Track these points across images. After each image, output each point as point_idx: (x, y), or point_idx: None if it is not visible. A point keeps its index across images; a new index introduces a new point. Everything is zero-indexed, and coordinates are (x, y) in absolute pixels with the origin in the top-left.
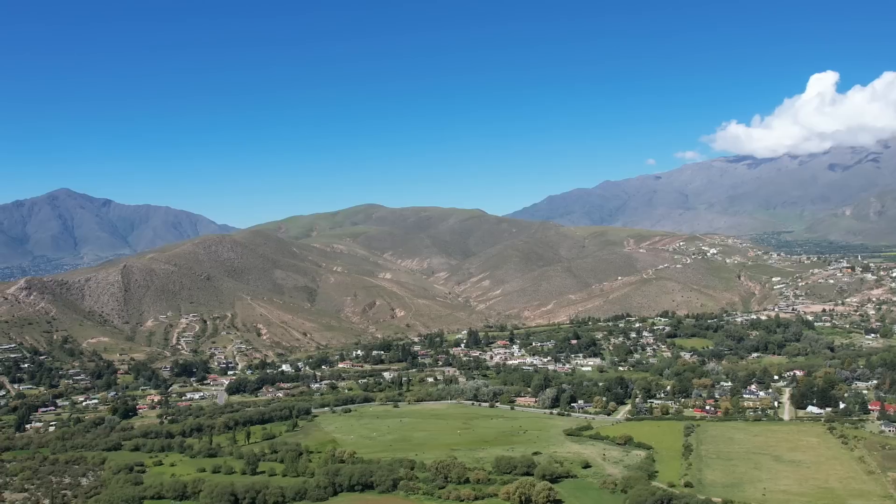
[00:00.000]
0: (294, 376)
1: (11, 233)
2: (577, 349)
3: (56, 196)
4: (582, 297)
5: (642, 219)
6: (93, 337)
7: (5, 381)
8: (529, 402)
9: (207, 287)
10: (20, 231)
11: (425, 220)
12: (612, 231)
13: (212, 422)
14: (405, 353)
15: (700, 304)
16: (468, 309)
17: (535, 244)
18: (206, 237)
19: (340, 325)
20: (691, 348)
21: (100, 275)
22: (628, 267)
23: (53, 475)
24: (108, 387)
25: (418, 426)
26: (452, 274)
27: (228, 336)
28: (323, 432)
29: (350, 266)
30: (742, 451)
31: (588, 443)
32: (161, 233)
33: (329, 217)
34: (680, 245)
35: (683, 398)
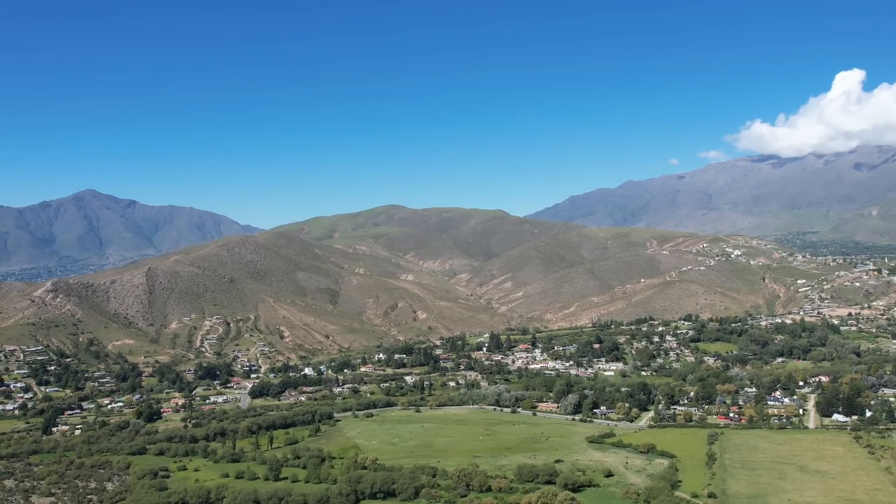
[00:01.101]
0: (317, 380)
1: (38, 233)
2: (599, 353)
3: (82, 197)
4: (604, 299)
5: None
6: (118, 339)
7: (32, 383)
8: (551, 408)
9: (231, 289)
10: (47, 232)
11: (447, 221)
12: (634, 232)
13: (235, 426)
14: (427, 357)
15: (724, 306)
16: (490, 311)
17: (558, 245)
18: (229, 239)
19: (362, 327)
20: (715, 353)
21: (125, 277)
22: (651, 269)
23: (79, 479)
24: (133, 389)
25: (440, 432)
26: (474, 275)
27: (251, 338)
28: (345, 437)
29: (372, 267)
30: (766, 461)
31: (610, 450)
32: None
33: (351, 218)
34: (703, 246)
35: (707, 405)
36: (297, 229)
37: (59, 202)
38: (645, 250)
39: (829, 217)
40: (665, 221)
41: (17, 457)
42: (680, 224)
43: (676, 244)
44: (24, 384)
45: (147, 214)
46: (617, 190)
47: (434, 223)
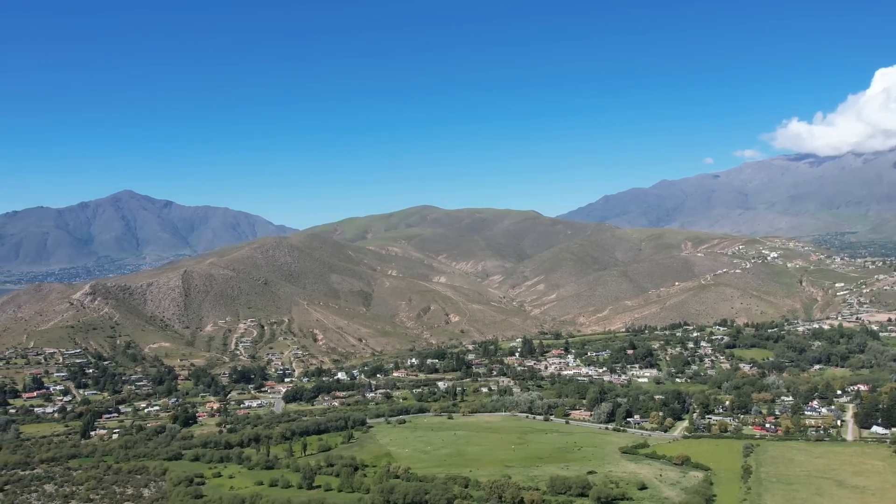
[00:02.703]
0: (349, 385)
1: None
2: (632, 360)
3: (119, 198)
4: (638, 303)
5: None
6: (154, 342)
7: (71, 386)
8: (584, 416)
9: (265, 292)
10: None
11: (479, 222)
12: (669, 233)
13: (269, 432)
14: (459, 362)
15: (760, 311)
16: (522, 314)
17: (591, 247)
18: (263, 241)
19: (395, 330)
20: (751, 360)
21: (161, 279)
22: (686, 271)
23: (117, 485)
24: (169, 393)
25: (472, 440)
26: (507, 277)
27: (285, 341)
28: (378, 445)
29: (405, 269)
30: (803, 475)
31: (644, 462)
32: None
33: (384, 219)
34: (739, 248)
35: (742, 414)
36: (331, 230)
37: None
38: (679, 252)
39: (868, 217)
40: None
41: (57, 461)
42: (715, 224)
43: (711, 246)
44: (64, 387)
45: (183, 215)
46: (651, 189)
47: (466, 224)
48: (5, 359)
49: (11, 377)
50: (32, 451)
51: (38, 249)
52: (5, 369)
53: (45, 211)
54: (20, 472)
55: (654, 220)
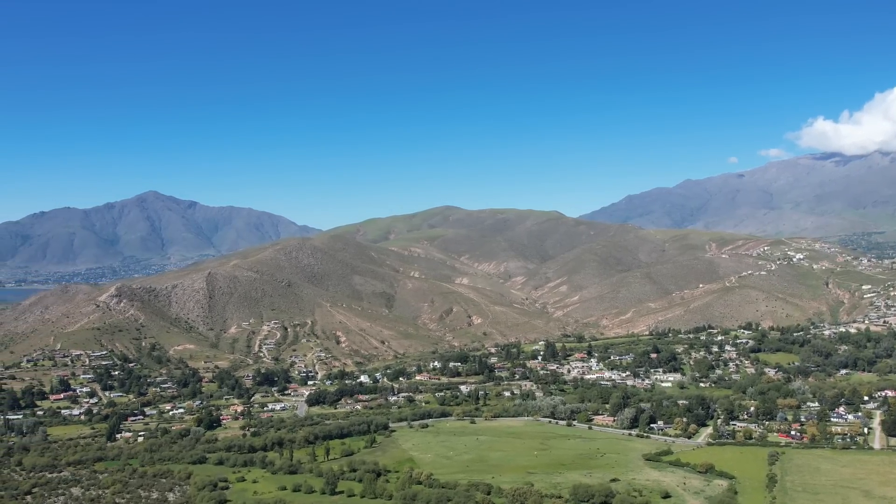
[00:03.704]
0: (372, 388)
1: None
2: (656, 363)
3: (144, 198)
4: (662, 305)
5: (725, 219)
6: (179, 344)
7: (97, 388)
8: (607, 422)
9: (288, 294)
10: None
11: (502, 223)
12: (693, 234)
13: (292, 436)
14: (482, 366)
15: (785, 314)
16: (545, 316)
17: (614, 248)
18: (286, 242)
19: (417, 332)
20: (776, 364)
21: (185, 281)
22: (710, 273)
23: (142, 489)
24: (194, 395)
25: (495, 445)
26: (529, 278)
27: (308, 344)
28: (400, 450)
29: (427, 270)
30: (829, 484)
31: (668, 469)
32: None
33: (406, 219)
34: (764, 250)
35: (767, 420)
36: (353, 231)
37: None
38: (704, 253)
39: None
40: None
41: (84, 464)
42: (740, 224)
43: (736, 247)
44: (90, 389)
45: (207, 215)
46: (675, 189)
47: (489, 224)
48: (33, 361)
49: (39, 379)
50: (59, 454)
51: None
52: (33, 371)
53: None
54: (47, 474)
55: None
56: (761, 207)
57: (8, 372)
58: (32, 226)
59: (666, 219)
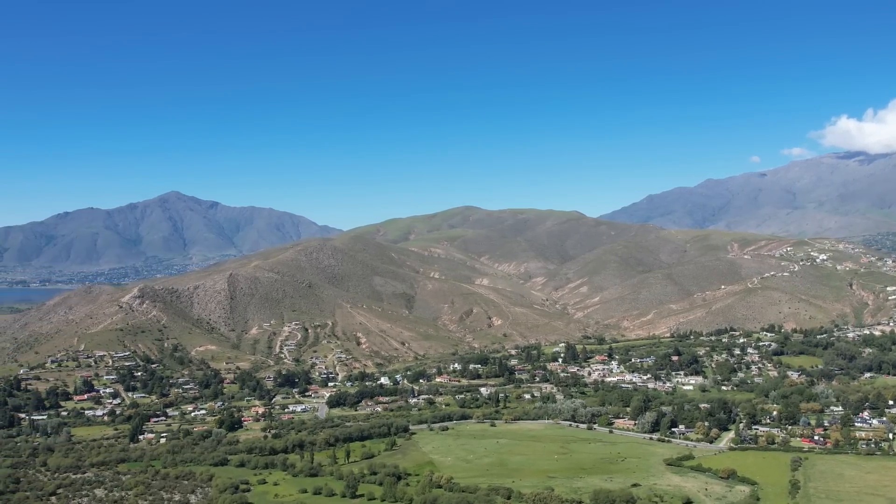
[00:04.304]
0: (392, 390)
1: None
2: (677, 366)
3: (167, 199)
4: (683, 306)
5: (747, 219)
6: (201, 345)
7: (120, 388)
8: (628, 425)
9: (309, 295)
10: (134, 233)
11: (522, 223)
12: (714, 234)
13: (313, 438)
14: (502, 368)
15: (808, 315)
16: (566, 317)
17: (635, 248)
18: (307, 243)
19: (438, 333)
20: (799, 367)
21: (207, 282)
22: (732, 274)
23: (164, 491)
24: (215, 396)
25: (515, 449)
26: (550, 279)
27: (329, 345)
28: (420, 452)
29: (447, 271)
30: (853, 491)
31: (689, 475)
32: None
33: (426, 220)
34: (787, 250)
35: (790, 425)
36: (374, 231)
37: (145, 204)
38: (725, 254)
39: None
40: (747, 221)
41: (107, 465)
42: (762, 224)
43: (758, 247)
44: (113, 390)
45: (228, 215)
46: (696, 189)
47: (509, 225)
48: (57, 361)
49: (63, 380)
50: (83, 455)
51: (88, 250)
52: (57, 372)
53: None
54: (72, 475)
55: (700, 219)
56: (784, 207)
57: (33, 372)
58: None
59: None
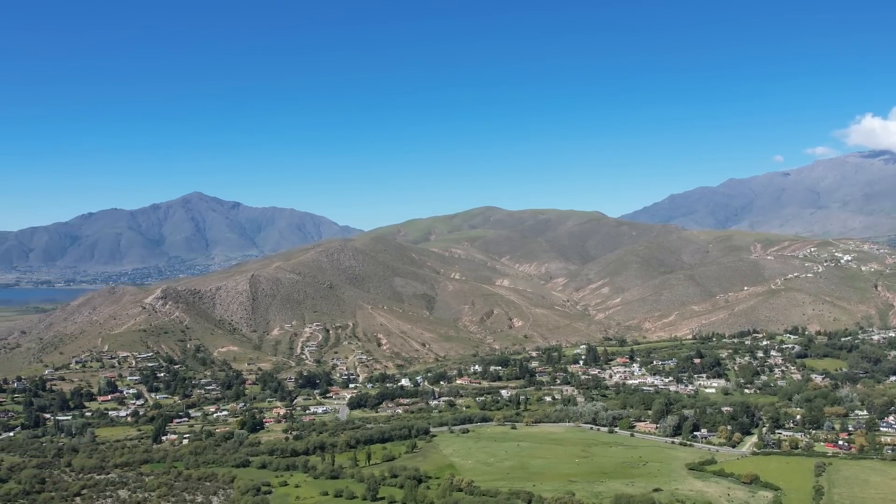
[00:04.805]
0: (413, 391)
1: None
2: (700, 369)
3: (189, 199)
4: (705, 308)
5: (770, 218)
6: (223, 346)
7: (143, 389)
8: (650, 429)
9: (330, 296)
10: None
11: (543, 223)
12: (737, 235)
13: (334, 440)
14: (523, 370)
15: (832, 317)
16: (587, 319)
17: (656, 249)
18: (328, 244)
19: (458, 334)
20: (823, 370)
21: (229, 283)
22: (755, 275)
23: (187, 492)
24: (237, 397)
25: (536, 452)
26: (571, 280)
27: (350, 346)
28: (441, 455)
29: (468, 271)
30: (879, 498)
31: (711, 479)
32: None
33: (447, 220)
34: (811, 251)
35: (814, 429)
36: (394, 231)
37: (168, 204)
38: (748, 255)
39: None
40: (770, 221)
41: (130, 466)
42: (785, 224)
43: (781, 248)
44: (136, 391)
45: (250, 216)
46: (719, 188)
47: (530, 225)
48: (81, 362)
49: (87, 380)
50: (107, 455)
51: (111, 250)
52: (81, 372)
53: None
54: (96, 476)
55: (722, 219)
56: (808, 207)
57: (58, 373)
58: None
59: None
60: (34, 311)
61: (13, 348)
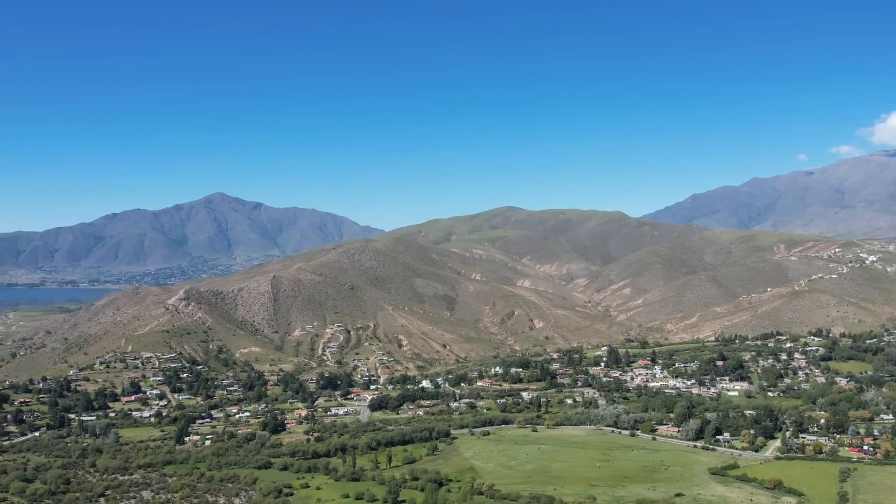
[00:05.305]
0: (434, 393)
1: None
2: (722, 371)
3: (211, 200)
4: (728, 309)
5: (794, 218)
6: (245, 347)
7: (166, 390)
8: (672, 432)
9: (351, 297)
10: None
11: (564, 224)
12: (760, 235)
13: (355, 441)
14: (544, 372)
15: (857, 319)
16: (608, 320)
17: (678, 249)
18: (349, 245)
19: (479, 335)
20: (847, 373)
21: (251, 284)
22: (778, 276)
23: (209, 494)
24: (259, 398)
25: (557, 455)
26: (592, 280)
27: (371, 347)
28: (462, 458)
29: (488, 272)
30: None
31: (734, 484)
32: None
33: (468, 220)
34: (835, 252)
35: (838, 434)
36: (415, 232)
37: (190, 205)
38: (772, 256)
39: None
40: (793, 221)
41: (153, 467)
42: (809, 224)
43: (805, 249)
44: (159, 391)
45: (272, 216)
46: (742, 188)
47: (551, 225)
48: (105, 362)
49: (111, 381)
50: (131, 456)
51: (135, 250)
52: (105, 373)
53: (142, 213)
54: (119, 476)
55: (745, 219)
56: (832, 206)
57: (82, 373)
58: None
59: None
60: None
61: (39, 348)
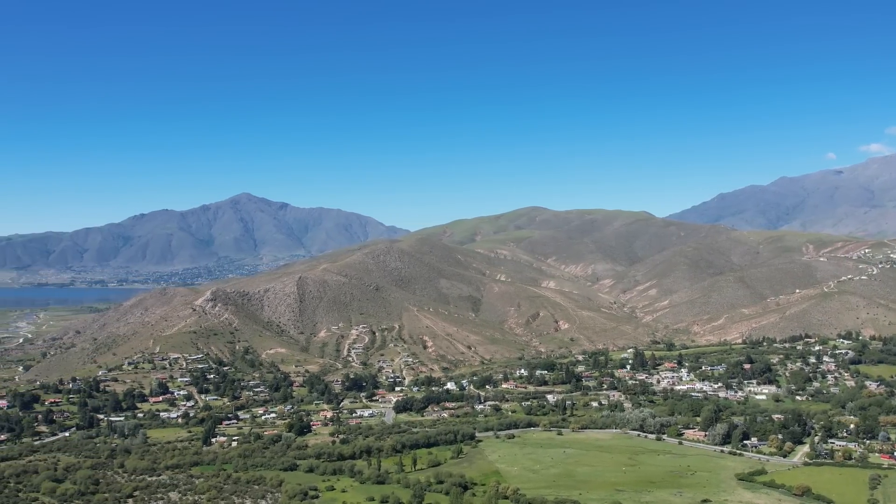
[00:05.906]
0: (459, 396)
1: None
2: (750, 375)
3: (238, 200)
4: (756, 311)
5: (822, 218)
6: (271, 348)
7: (194, 391)
8: (698, 437)
9: (376, 298)
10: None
11: (589, 224)
12: (788, 235)
13: (380, 444)
14: (569, 375)
15: (888, 321)
16: (634, 321)
17: (705, 250)
18: (374, 246)
19: (504, 337)
20: (878, 377)
21: (277, 285)
22: (807, 277)
23: (236, 495)
24: (285, 399)
25: (582, 459)
26: (617, 281)
27: (395, 348)
28: (486, 461)
29: (513, 273)
30: None
31: (762, 491)
32: (333, 234)
33: (492, 220)
34: (865, 252)
35: (868, 439)
36: (440, 232)
37: (217, 205)
38: (800, 256)
39: None
40: (822, 221)
41: (181, 468)
42: (838, 224)
43: (834, 249)
44: (187, 392)
45: (297, 216)
46: (769, 187)
47: (576, 225)
48: (134, 363)
49: (139, 381)
50: (158, 457)
51: (163, 250)
52: (133, 374)
53: (169, 214)
54: (147, 477)
55: (773, 219)
56: (862, 206)
57: (111, 374)
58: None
59: (760, 218)
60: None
61: (68, 348)
